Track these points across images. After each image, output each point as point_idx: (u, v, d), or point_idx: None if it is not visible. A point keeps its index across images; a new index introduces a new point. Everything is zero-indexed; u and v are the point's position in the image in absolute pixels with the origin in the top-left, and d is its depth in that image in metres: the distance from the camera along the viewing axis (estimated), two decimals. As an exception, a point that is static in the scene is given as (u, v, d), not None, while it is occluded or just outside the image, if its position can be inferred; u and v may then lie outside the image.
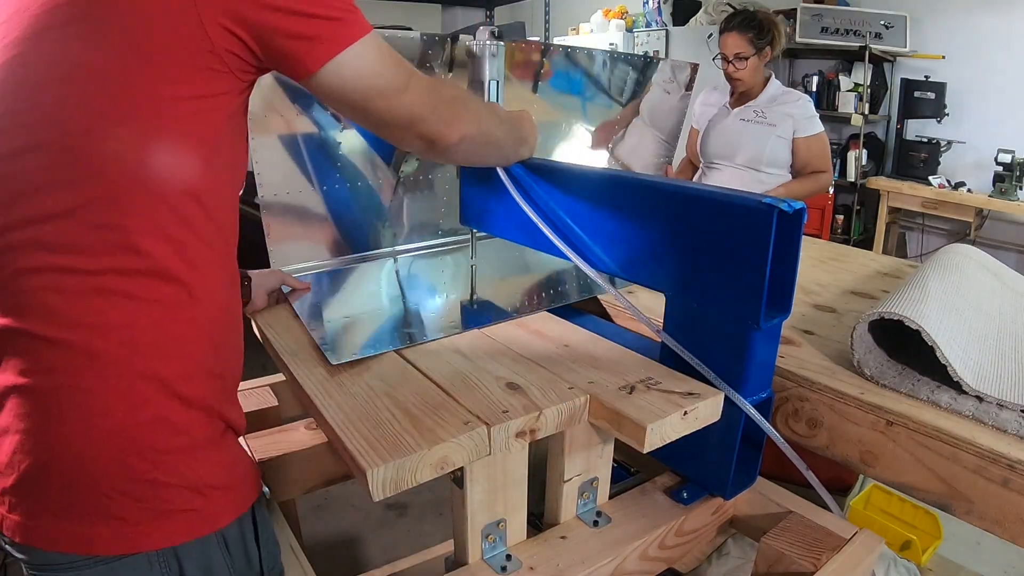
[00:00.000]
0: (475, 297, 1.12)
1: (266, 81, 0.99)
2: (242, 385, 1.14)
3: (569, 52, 1.38)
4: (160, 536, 0.62)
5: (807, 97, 2.04)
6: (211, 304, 0.65)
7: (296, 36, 0.62)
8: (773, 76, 2.04)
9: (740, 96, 2.07)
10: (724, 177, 2.08)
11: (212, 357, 0.66)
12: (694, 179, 2.20)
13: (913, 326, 0.83)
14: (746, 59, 1.95)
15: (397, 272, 1.21)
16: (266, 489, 0.79)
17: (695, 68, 1.61)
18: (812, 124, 1.99)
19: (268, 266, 1.12)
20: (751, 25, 1.94)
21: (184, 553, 0.63)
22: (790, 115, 1.98)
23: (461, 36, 1.09)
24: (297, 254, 1.15)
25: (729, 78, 2.02)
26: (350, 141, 1.13)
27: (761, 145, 1.99)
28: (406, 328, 0.98)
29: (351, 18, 0.65)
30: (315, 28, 0.62)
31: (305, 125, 1.08)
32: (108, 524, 0.60)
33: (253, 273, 1.04)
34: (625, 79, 1.49)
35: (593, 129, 1.49)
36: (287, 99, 1.04)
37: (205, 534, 0.64)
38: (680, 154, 2.09)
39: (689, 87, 1.62)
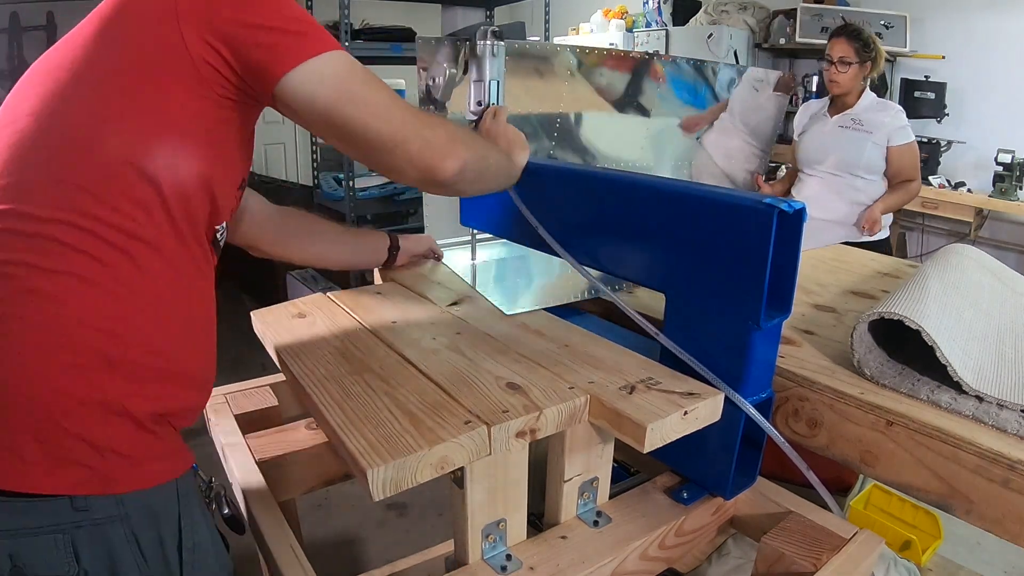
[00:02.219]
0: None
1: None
2: (242, 385, 1.15)
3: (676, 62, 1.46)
4: (54, 482, 0.62)
5: (900, 108, 2.21)
6: (158, 281, 0.68)
7: (264, 46, 0.66)
8: (868, 88, 2.22)
9: (837, 105, 2.23)
10: (820, 183, 2.25)
11: (153, 333, 0.68)
12: (792, 187, 2.39)
13: (913, 326, 0.83)
14: (848, 65, 2.12)
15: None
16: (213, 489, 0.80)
17: (788, 77, 1.67)
18: (905, 133, 2.14)
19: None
20: (859, 37, 2.14)
21: (82, 505, 0.63)
22: (885, 124, 2.14)
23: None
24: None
25: (830, 83, 2.18)
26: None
27: (859, 151, 2.15)
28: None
29: (316, 33, 0.69)
30: (279, 38, 0.67)
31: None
32: (12, 461, 0.61)
33: (404, 238, 1.22)
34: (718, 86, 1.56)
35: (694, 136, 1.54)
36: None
37: (97, 494, 0.63)
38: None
39: (782, 89, 1.68)
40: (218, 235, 0.78)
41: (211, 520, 0.76)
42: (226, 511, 0.80)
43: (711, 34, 4.38)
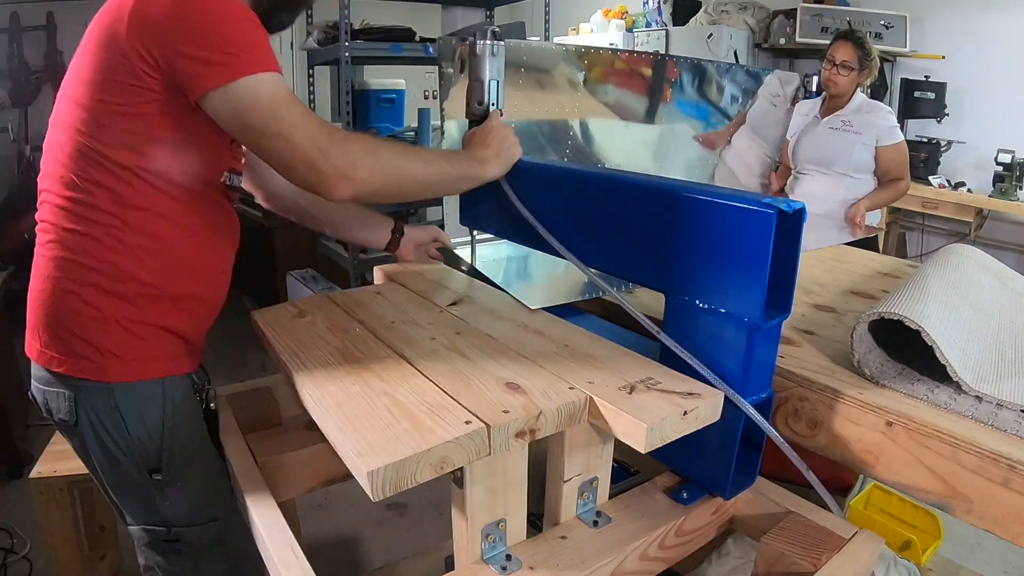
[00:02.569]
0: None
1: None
2: (242, 385, 1.15)
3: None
4: (66, 368, 0.89)
5: (889, 108, 2.30)
6: (143, 235, 0.88)
7: (188, 68, 0.79)
8: (859, 91, 2.30)
9: (828, 106, 2.32)
10: (814, 182, 2.33)
11: (140, 270, 0.88)
12: (786, 185, 2.47)
13: (913, 326, 0.83)
14: (850, 70, 2.21)
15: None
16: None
17: (802, 80, 1.66)
18: (894, 134, 2.23)
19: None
20: (862, 45, 2.22)
21: (82, 385, 0.89)
22: (874, 124, 2.22)
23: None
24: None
25: (827, 82, 2.27)
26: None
27: (848, 151, 2.23)
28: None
29: (240, 59, 0.79)
30: (200, 67, 0.79)
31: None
32: (40, 349, 0.90)
33: (409, 228, 1.26)
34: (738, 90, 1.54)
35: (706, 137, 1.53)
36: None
37: (91, 379, 0.89)
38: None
39: (794, 100, 1.70)
40: (225, 181, 0.97)
41: (200, 413, 0.99)
42: (209, 406, 1.03)
43: (711, 34, 4.39)
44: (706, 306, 0.79)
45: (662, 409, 0.72)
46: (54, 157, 0.89)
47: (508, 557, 0.76)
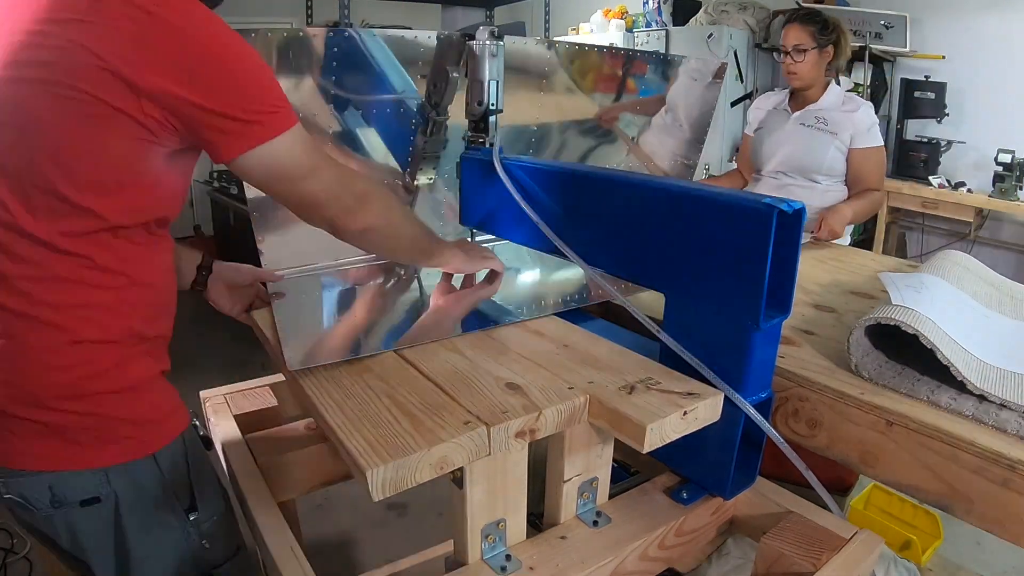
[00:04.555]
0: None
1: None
2: (242, 385, 1.15)
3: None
4: (102, 457, 0.78)
5: (869, 104, 1.91)
6: (148, 288, 0.80)
7: (213, 128, 0.72)
8: (834, 82, 1.94)
9: (799, 100, 1.95)
10: (775, 185, 1.95)
11: (144, 324, 0.80)
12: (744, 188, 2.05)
13: (910, 331, 0.83)
14: (804, 51, 1.84)
15: (400, 275, 1.20)
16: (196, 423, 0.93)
17: (724, 67, 1.57)
18: (872, 135, 1.86)
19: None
20: (814, 20, 1.86)
21: (118, 470, 0.79)
22: (852, 122, 1.85)
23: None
24: (291, 256, 1.10)
25: (787, 74, 1.90)
26: (370, 140, 1.12)
27: (821, 153, 1.86)
28: (378, 335, 0.97)
29: (273, 118, 0.75)
30: (229, 128, 0.73)
31: (321, 120, 1.05)
32: (65, 445, 0.76)
33: (219, 265, 1.04)
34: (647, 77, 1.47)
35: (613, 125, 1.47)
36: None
37: (135, 457, 0.79)
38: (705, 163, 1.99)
39: (717, 76, 1.56)
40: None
41: (196, 437, 0.91)
42: (200, 433, 0.94)
43: (711, 34, 4.38)
44: (706, 306, 0.79)
45: (662, 409, 0.72)
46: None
47: (508, 557, 0.76)
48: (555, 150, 1.37)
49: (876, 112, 1.92)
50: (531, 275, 1.25)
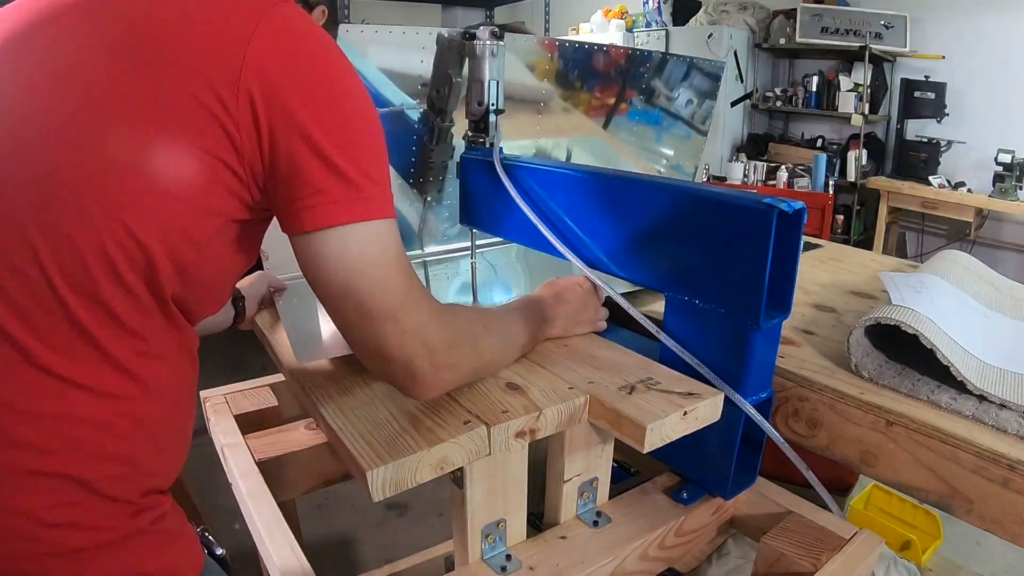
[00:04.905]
0: (475, 302, 1.12)
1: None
2: (242, 385, 1.15)
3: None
4: None
5: None
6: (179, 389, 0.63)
7: (312, 185, 0.57)
8: None
9: None
10: None
11: (153, 458, 0.60)
12: None
13: (910, 331, 0.83)
14: None
15: None
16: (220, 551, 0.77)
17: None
18: None
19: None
20: None
21: None
22: None
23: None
24: (293, 262, 1.10)
25: None
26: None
27: None
28: None
29: (380, 191, 0.60)
30: (331, 188, 0.57)
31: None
32: None
33: (243, 288, 1.00)
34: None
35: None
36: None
37: None
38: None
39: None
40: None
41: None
42: (218, 552, 0.78)
43: (711, 34, 4.39)
44: (706, 306, 0.79)
45: (662, 409, 0.72)
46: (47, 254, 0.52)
47: (508, 557, 0.76)
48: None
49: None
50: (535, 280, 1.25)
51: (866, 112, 3.97)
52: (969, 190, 3.69)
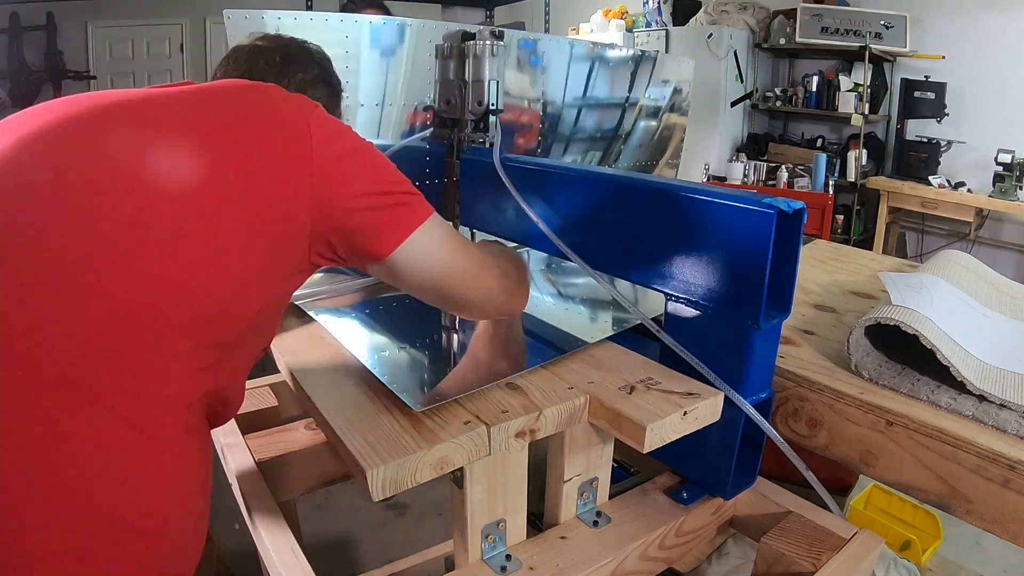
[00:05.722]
0: None
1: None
2: (242, 385, 1.15)
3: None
4: None
5: None
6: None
7: (369, 219, 0.66)
8: None
9: None
10: None
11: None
12: None
13: (910, 331, 0.83)
14: None
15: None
16: None
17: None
18: None
19: None
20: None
21: None
22: None
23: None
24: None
25: None
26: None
27: None
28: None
29: (415, 197, 0.70)
30: (385, 215, 0.67)
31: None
32: None
33: None
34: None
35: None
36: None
37: None
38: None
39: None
40: None
41: None
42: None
43: (711, 34, 4.38)
44: (706, 306, 0.79)
45: (662, 409, 0.72)
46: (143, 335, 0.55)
47: (508, 557, 0.76)
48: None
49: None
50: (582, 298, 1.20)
51: (866, 112, 3.97)
52: (969, 190, 3.69)
